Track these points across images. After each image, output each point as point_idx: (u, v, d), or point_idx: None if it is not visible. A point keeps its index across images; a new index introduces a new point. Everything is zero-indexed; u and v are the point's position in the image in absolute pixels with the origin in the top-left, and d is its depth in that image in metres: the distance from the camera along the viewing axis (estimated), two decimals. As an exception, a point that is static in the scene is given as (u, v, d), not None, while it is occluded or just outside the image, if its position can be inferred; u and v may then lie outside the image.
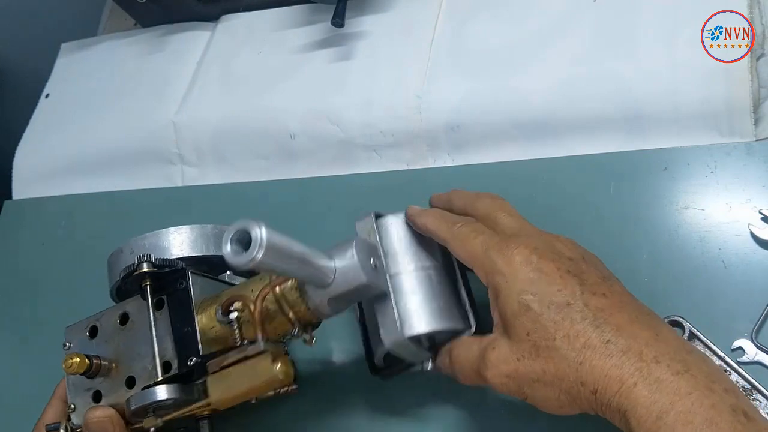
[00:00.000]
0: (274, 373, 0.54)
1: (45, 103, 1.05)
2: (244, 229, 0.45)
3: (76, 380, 0.62)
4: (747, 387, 0.56)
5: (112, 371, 0.60)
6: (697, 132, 0.67)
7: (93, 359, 0.59)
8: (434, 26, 0.82)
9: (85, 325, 0.64)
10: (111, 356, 0.60)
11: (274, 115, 0.86)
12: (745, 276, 0.60)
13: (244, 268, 0.45)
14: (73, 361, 0.58)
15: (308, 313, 0.55)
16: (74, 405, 0.61)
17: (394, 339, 0.56)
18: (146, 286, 0.59)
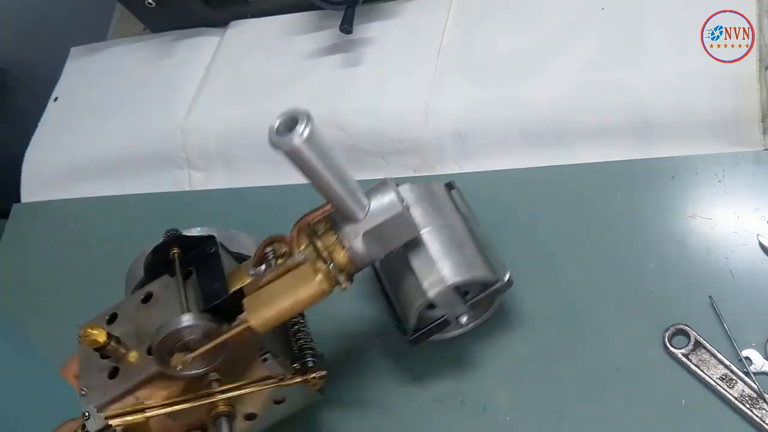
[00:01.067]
0: (315, 280, 0.52)
1: (54, 106, 1.05)
2: (293, 116, 0.46)
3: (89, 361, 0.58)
4: (753, 396, 0.56)
5: (130, 350, 0.56)
6: (706, 141, 0.67)
7: (112, 336, 0.55)
8: (442, 33, 0.82)
9: (104, 314, 0.61)
10: (131, 332, 0.57)
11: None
12: (753, 286, 0.60)
13: (283, 149, 0.46)
14: (91, 331, 0.54)
15: (343, 254, 0.54)
16: (86, 389, 0.57)
17: (439, 287, 0.57)
18: (175, 254, 0.58)
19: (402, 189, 0.58)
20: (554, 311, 0.65)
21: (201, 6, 0.97)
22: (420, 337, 0.61)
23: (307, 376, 0.59)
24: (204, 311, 0.54)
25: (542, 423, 0.61)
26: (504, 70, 0.76)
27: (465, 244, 0.61)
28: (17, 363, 0.88)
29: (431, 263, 0.58)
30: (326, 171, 0.50)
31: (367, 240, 0.54)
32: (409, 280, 0.59)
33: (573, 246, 0.67)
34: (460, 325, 0.62)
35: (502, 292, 0.61)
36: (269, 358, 0.56)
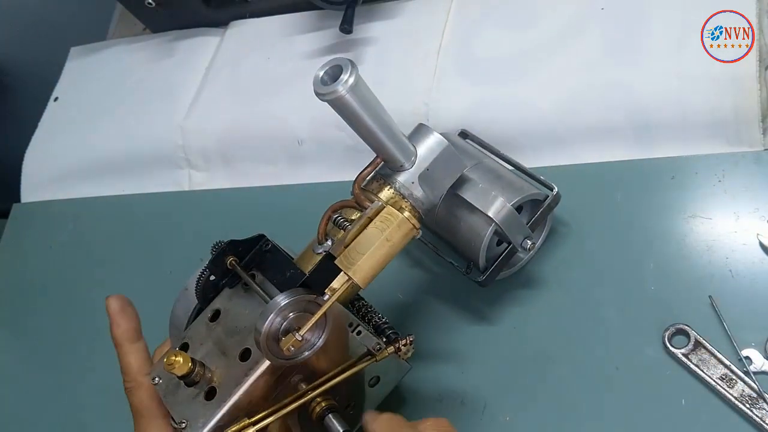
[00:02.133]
0: (403, 217, 0.51)
1: (54, 106, 1.06)
2: (338, 65, 0.48)
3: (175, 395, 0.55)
4: (753, 396, 0.56)
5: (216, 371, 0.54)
6: (706, 141, 0.67)
7: (196, 361, 0.53)
8: (442, 34, 0.82)
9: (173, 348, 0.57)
10: (211, 352, 0.55)
11: (281, 120, 0.86)
12: (753, 285, 0.60)
13: (328, 98, 0.47)
14: (175, 358, 0.52)
15: (405, 203, 0.55)
16: (185, 422, 0.52)
17: (504, 211, 0.59)
18: (232, 262, 0.56)
19: None
20: (554, 311, 0.65)
21: (201, 6, 0.97)
22: (492, 274, 0.63)
23: (397, 344, 0.56)
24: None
25: (542, 423, 0.61)
26: (504, 71, 0.76)
27: (504, 173, 0.64)
28: (17, 363, 0.88)
29: (486, 192, 0.60)
30: (372, 119, 0.51)
31: (423, 182, 0.55)
32: (469, 218, 0.61)
33: (573, 246, 0.67)
34: (525, 252, 0.63)
35: (554, 207, 0.63)
36: (362, 329, 0.55)
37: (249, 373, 0.52)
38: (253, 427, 0.52)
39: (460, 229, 0.62)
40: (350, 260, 0.51)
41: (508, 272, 0.66)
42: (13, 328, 0.91)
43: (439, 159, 0.55)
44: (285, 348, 0.50)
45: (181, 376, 0.53)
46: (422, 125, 0.57)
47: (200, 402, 0.53)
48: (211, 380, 0.53)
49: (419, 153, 0.55)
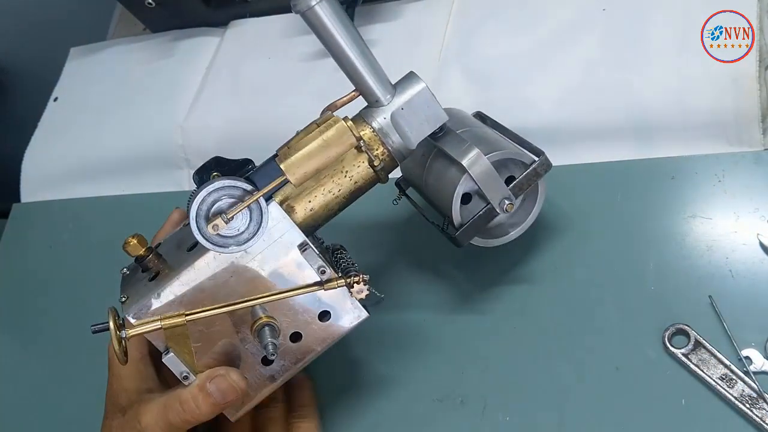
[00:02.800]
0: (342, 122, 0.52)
1: (53, 106, 1.06)
2: None
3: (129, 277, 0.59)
4: (753, 396, 0.56)
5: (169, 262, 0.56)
6: (706, 141, 0.67)
7: (153, 249, 0.56)
8: (443, 35, 0.82)
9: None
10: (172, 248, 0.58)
11: (282, 120, 0.86)
12: (753, 285, 0.60)
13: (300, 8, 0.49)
14: (131, 239, 0.56)
15: (375, 139, 0.56)
16: (125, 297, 0.56)
17: (478, 163, 0.58)
18: (214, 176, 0.58)
19: None
20: (554, 311, 0.65)
21: (201, 6, 0.97)
22: (466, 231, 0.61)
23: (349, 278, 0.56)
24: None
25: (542, 423, 0.61)
26: (505, 71, 0.76)
27: (495, 135, 0.63)
28: (17, 363, 0.88)
29: (466, 144, 0.59)
30: (346, 42, 0.53)
31: (396, 122, 0.55)
32: (447, 171, 0.60)
33: (573, 246, 0.67)
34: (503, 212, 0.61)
35: (542, 173, 0.61)
36: (310, 250, 0.55)
37: (189, 260, 0.54)
38: (186, 317, 0.54)
39: (439, 182, 0.62)
40: (287, 157, 0.53)
41: (494, 241, 0.64)
42: (13, 328, 0.91)
43: (416, 101, 0.56)
44: (211, 226, 0.51)
45: (136, 259, 0.56)
46: (411, 72, 0.57)
47: (144, 283, 0.56)
48: (161, 268, 0.56)
49: (398, 94, 0.56)
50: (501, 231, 0.64)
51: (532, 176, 0.61)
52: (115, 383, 0.60)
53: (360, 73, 0.55)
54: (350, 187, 0.57)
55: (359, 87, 0.56)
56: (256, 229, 0.53)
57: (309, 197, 0.57)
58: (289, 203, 0.56)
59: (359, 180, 0.57)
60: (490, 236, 0.64)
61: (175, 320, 0.54)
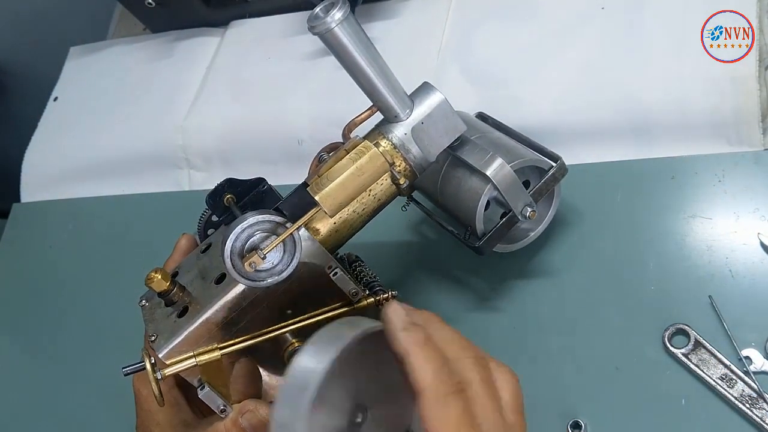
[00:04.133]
0: (375, 150, 0.52)
1: (54, 106, 1.06)
2: (332, 2, 0.50)
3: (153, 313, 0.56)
4: (753, 396, 0.56)
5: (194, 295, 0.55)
6: (705, 141, 0.67)
7: (176, 282, 0.54)
8: (442, 34, 0.82)
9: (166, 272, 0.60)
10: (194, 278, 0.57)
11: (281, 120, 0.86)
12: (753, 285, 0.60)
13: (318, 30, 0.49)
14: (154, 274, 0.53)
15: (398, 157, 0.55)
16: (155, 336, 0.54)
17: (502, 171, 0.58)
18: (229, 199, 0.58)
19: None
20: (554, 311, 0.65)
21: (201, 6, 0.97)
22: (489, 240, 0.61)
23: (378, 297, 0.56)
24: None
25: (542, 423, 0.61)
26: (504, 71, 0.76)
27: (507, 142, 0.64)
28: (17, 363, 0.88)
29: (485, 152, 0.59)
30: (364, 59, 0.52)
31: (416, 136, 0.55)
32: (468, 180, 0.60)
33: (573, 246, 0.67)
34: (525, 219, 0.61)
35: (559, 178, 0.62)
36: (339, 271, 0.54)
37: (220, 294, 0.53)
38: (220, 351, 0.53)
39: (460, 192, 0.62)
40: (320, 187, 0.53)
41: (513, 246, 0.65)
42: (13, 328, 0.91)
43: (435, 114, 0.55)
44: (247, 264, 0.50)
45: (160, 293, 0.54)
46: (426, 83, 0.57)
47: (173, 319, 0.54)
48: (187, 302, 0.54)
49: (416, 107, 0.55)
50: (518, 235, 0.65)
51: (551, 182, 0.62)
52: (146, 419, 0.58)
53: (379, 91, 0.54)
54: (374, 205, 0.56)
55: (378, 104, 0.55)
56: (290, 259, 0.52)
57: (334, 218, 0.56)
58: (314, 225, 0.55)
59: (383, 197, 0.56)
60: (508, 241, 0.64)
61: (210, 355, 0.53)
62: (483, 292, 0.68)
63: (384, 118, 0.57)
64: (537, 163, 0.62)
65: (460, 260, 0.70)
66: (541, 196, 0.62)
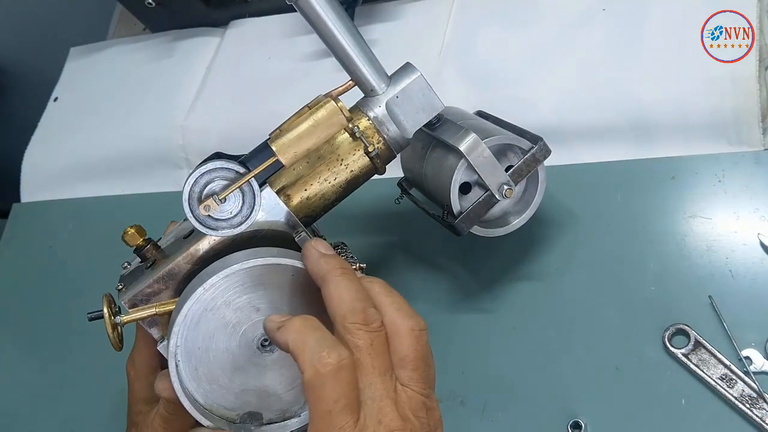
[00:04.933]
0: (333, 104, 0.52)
1: (53, 106, 1.06)
2: None
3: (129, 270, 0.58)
4: (753, 396, 0.56)
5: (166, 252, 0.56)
6: (706, 141, 0.67)
7: (151, 240, 0.56)
8: (443, 35, 0.82)
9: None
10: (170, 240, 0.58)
11: (282, 120, 0.86)
12: (753, 285, 0.60)
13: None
14: (129, 229, 0.55)
15: (371, 128, 0.56)
16: (122, 285, 0.56)
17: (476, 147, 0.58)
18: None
19: None
20: (554, 311, 0.65)
21: (201, 6, 0.97)
22: (466, 218, 0.60)
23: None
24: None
25: (542, 423, 0.61)
26: (504, 71, 0.76)
27: (493, 126, 0.63)
28: (17, 363, 0.88)
29: (462, 130, 0.59)
30: (340, 31, 0.53)
31: (391, 111, 0.56)
32: (445, 159, 0.60)
33: (573, 246, 0.67)
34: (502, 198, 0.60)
35: (540, 159, 0.61)
36: (305, 234, 0.54)
37: (185, 246, 0.54)
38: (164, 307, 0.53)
39: (439, 172, 0.61)
40: (279, 138, 0.53)
41: (496, 231, 0.63)
42: (13, 328, 0.91)
43: (410, 88, 0.56)
44: (202, 207, 0.51)
45: (135, 250, 0.56)
46: (408, 63, 0.57)
47: (141, 271, 0.56)
48: (158, 257, 0.56)
49: (393, 83, 0.56)
50: (504, 221, 0.64)
51: (531, 162, 0.61)
52: (130, 397, 0.59)
53: (354, 62, 0.55)
54: (347, 175, 0.57)
55: (354, 76, 0.56)
56: (249, 212, 0.53)
57: (305, 186, 0.56)
58: (285, 191, 0.56)
59: (355, 169, 0.57)
60: (493, 226, 0.63)
61: (170, 306, 0.53)
62: (483, 292, 0.68)
63: (363, 96, 0.57)
64: (515, 141, 0.61)
65: (456, 256, 0.70)
66: (521, 177, 0.61)
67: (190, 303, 0.49)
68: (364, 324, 0.46)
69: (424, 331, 0.48)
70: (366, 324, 0.46)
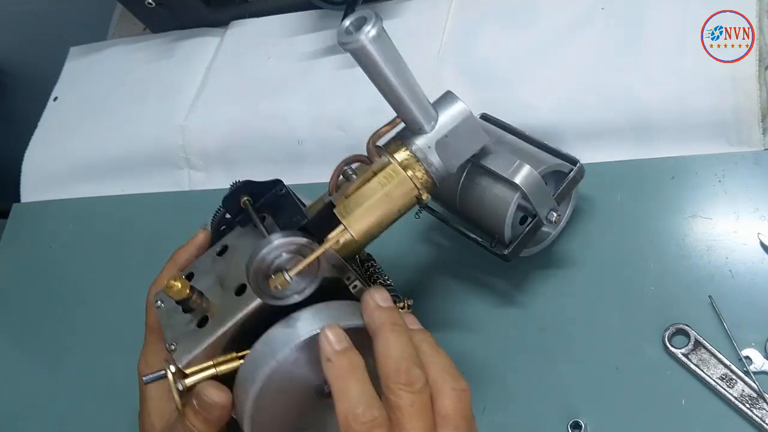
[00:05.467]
0: (405, 175, 0.51)
1: (54, 106, 1.05)
2: (363, 17, 0.48)
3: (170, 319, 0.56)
4: (753, 396, 0.56)
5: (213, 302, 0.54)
6: (705, 141, 0.67)
7: (194, 289, 0.54)
8: (442, 34, 0.82)
9: (179, 274, 0.59)
10: (211, 284, 0.56)
11: (282, 120, 0.86)
12: (753, 285, 0.60)
13: (350, 47, 0.47)
14: (174, 282, 0.52)
15: (418, 167, 0.55)
16: (175, 345, 0.53)
17: (530, 177, 0.58)
18: (246, 201, 0.57)
19: None
20: (554, 311, 0.65)
21: (201, 6, 0.97)
22: (517, 247, 0.62)
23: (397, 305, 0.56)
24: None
25: (542, 423, 0.61)
26: (503, 71, 0.76)
27: (526, 147, 0.64)
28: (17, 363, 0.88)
29: (512, 160, 0.59)
30: (394, 75, 0.51)
31: (440, 149, 0.54)
32: (494, 187, 0.60)
33: (572, 246, 0.67)
34: (550, 225, 0.62)
35: (578, 180, 0.62)
36: (359, 284, 0.54)
37: (241, 308, 0.53)
38: (239, 360, 0.52)
39: (485, 200, 0.61)
40: (348, 210, 0.52)
41: (533, 249, 0.65)
42: (13, 328, 0.91)
43: (460, 128, 0.55)
44: (273, 286, 0.50)
45: (179, 300, 0.54)
46: (449, 92, 0.57)
47: (192, 329, 0.54)
48: (206, 310, 0.54)
49: (440, 119, 0.55)
50: (537, 238, 0.65)
51: (572, 185, 0.63)
52: (146, 420, 0.58)
53: (406, 104, 0.53)
54: (394, 216, 0.55)
55: (403, 116, 0.54)
56: (314, 276, 0.52)
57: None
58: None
59: (403, 209, 0.55)
60: (531, 245, 0.65)
61: (230, 365, 0.52)
62: (483, 293, 0.68)
63: (404, 127, 0.56)
64: (559, 167, 0.62)
65: (456, 256, 0.70)
66: (562, 199, 0.63)
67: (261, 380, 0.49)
68: (406, 385, 0.46)
69: (466, 391, 0.48)
70: (409, 385, 0.46)
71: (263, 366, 0.49)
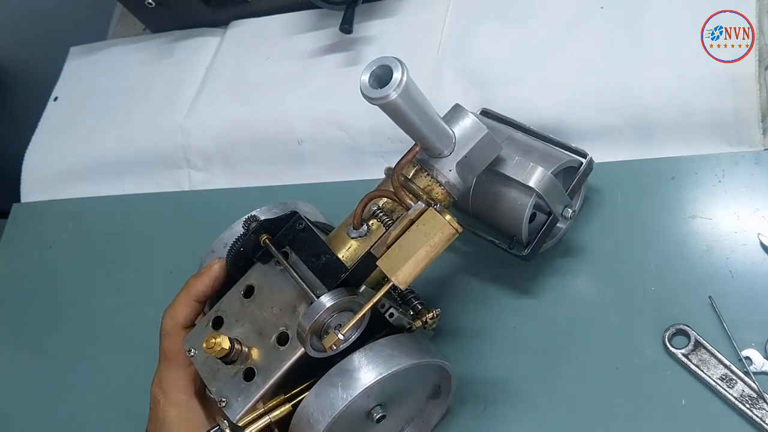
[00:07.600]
0: (445, 221, 0.51)
1: (54, 106, 1.06)
2: (387, 66, 0.47)
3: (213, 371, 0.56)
4: (753, 396, 0.56)
5: (252, 350, 0.56)
6: (706, 141, 0.67)
7: (234, 341, 0.55)
8: (441, 33, 0.82)
9: (204, 323, 0.59)
10: (248, 331, 0.57)
11: (282, 120, 0.86)
12: (753, 285, 0.60)
13: (377, 103, 0.47)
14: (216, 341, 0.53)
15: (440, 191, 0.56)
16: (225, 400, 0.55)
17: (544, 179, 0.58)
18: (266, 240, 0.57)
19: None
20: (554, 311, 0.65)
21: (201, 6, 0.97)
22: (535, 246, 0.62)
23: (424, 318, 0.58)
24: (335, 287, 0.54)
25: (542, 423, 0.61)
26: (503, 70, 0.76)
27: (535, 144, 0.64)
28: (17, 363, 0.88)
29: (524, 164, 0.59)
30: (419, 117, 0.51)
31: (460, 169, 0.55)
32: (508, 192, 0.61)
33: (572, 246, 0.67)
34: (566, 220, 0.63)
35: (589, 173, 0.64)
36: (394, 312, 0.55)
37: (287, 359, 0.54)
38: (289, 403, 0.54)
39: (500, 204, 0.62)
40: (393, 264, 0.51)
41: (549, 244, 0.66)
42: (13, 328, 0.91)
43: (478, 146, 0.55)
44: (328, 346, 0.52)
45: (221, 357, 0.55)
46: (458, 106, 0.57)
47: (239, 381, 0.55)
48: (248, 358, 0.55)
49: (458, 139, 0.55)
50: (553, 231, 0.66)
51: (583, 178, 0.63)
52: (159, 427, 0.58)
53: (428, 138, 0.54)
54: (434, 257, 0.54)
55: (424, 145, 0.55)
56: (360, 325, 0.54)
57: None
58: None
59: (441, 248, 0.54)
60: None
61: (282, 409, 0.54)
62: (482, 293, 0.68)
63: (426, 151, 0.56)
64: (571, 163, 0.63)
65: (456, 257, 0.70)
66: (574, 193, 0.63)
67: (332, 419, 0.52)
68: None
69: None
70: None
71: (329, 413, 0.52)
